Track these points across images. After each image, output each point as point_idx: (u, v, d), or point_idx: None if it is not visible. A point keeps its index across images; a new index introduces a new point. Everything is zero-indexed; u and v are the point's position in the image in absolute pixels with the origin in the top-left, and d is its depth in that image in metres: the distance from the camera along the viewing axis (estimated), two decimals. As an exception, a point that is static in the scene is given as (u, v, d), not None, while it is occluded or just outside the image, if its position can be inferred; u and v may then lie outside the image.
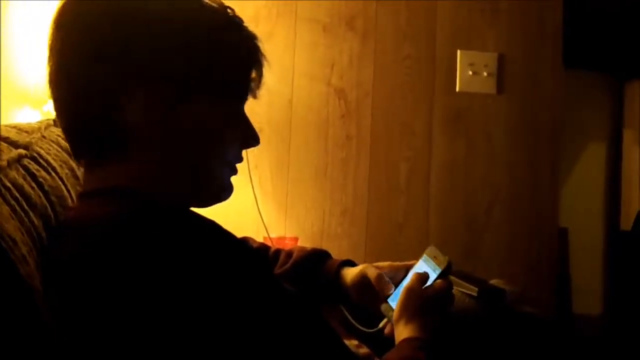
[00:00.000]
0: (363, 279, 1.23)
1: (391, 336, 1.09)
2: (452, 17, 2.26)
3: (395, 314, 1.08)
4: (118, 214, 0.82)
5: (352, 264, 1.32)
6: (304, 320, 0.83)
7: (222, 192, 1.00)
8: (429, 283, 1.11)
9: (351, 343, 1.14)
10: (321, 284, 1.30)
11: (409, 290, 1.09)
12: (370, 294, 1.22)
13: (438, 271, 1.12)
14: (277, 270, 1.34)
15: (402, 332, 1.05)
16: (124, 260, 0.76)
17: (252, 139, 1.02)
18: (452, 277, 1.49)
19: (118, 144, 0.90)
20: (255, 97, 1.02)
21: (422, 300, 1.08)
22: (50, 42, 0.92)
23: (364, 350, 1.15)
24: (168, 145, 0.92)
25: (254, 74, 1.00)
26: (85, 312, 0.77)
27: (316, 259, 1.33)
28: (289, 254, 1.36)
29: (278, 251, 1.40)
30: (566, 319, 3.09)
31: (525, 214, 2.28)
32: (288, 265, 1.33)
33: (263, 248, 1.42)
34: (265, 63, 1.00)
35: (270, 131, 2.16)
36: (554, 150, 2.30)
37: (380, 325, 1.17)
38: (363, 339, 1.20)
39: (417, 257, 1.19)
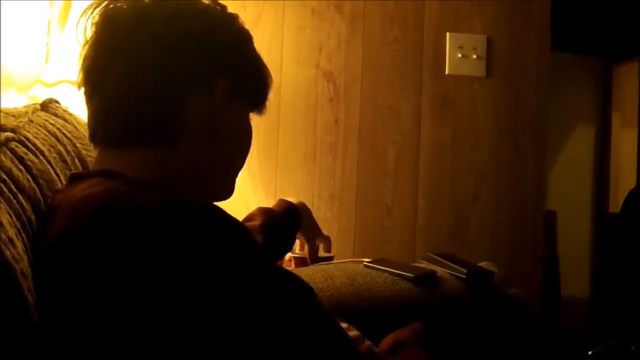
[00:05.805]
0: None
1: None
2: (440, 0, 2.26)
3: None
4: (107, 190, 0.83)
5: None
6: (306, 308, 0.83)
7: (230, 193, 1.07)
8: None
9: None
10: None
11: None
12: None
13: None
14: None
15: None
16: (112, 236, 0.76)
17: None
18: (442, 260, 1.51)
19: (166, 133, 0.93)
20: (261, 113, 1.12)
21: None
22: (116, 34, 0.94)
23: (353, 332, 1.16)
24: (215, 140, 0.98)
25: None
26: (74, 292, 0.78)
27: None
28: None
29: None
30: (553, 302, 3.12)
31: (511, 196, 2.28)
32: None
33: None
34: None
35: (258, 116, 2.15)
36: (540, 133, 2.31)
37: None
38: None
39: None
